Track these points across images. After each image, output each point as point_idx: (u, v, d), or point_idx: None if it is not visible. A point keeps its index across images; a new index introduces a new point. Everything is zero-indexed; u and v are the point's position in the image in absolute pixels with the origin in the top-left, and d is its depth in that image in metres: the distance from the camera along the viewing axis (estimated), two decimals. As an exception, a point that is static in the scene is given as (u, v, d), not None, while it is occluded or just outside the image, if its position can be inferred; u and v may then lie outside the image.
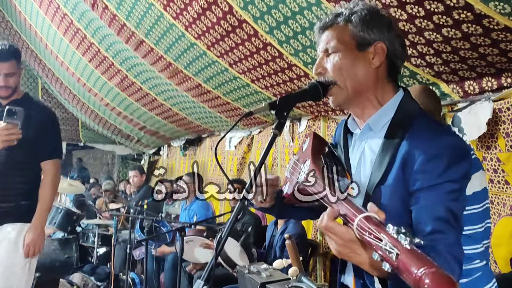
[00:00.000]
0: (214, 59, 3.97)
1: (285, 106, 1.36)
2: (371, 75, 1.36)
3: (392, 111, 1.36)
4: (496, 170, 2.73)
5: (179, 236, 3.49)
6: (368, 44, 1.35)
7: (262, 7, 2.94)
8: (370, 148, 1.38)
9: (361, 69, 1.35)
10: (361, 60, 1.35)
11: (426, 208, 1.19)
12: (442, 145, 1.22)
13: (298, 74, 3.55)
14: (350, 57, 1.35)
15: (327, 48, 1.38)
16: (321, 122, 4.40)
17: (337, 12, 1.40)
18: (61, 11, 5.18)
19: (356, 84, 1.35)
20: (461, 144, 1.29)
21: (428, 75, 2.80)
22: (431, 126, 1.31)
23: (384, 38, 1.35)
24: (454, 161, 1.21)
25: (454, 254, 1.15)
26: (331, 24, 1.39)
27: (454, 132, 1.32)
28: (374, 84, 1.37)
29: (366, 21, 1.35)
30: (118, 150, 11.97)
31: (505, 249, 2.74)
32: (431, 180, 1.20)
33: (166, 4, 3.53)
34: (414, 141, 1.26)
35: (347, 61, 1.35)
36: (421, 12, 2.20)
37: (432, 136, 1.25)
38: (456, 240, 1.18)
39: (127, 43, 4.71)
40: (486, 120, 2.69)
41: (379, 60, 1.35)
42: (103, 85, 6.69)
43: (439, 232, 1.16)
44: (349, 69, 1.35)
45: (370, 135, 1.40)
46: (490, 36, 2.19)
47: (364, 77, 1.35)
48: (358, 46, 1.35)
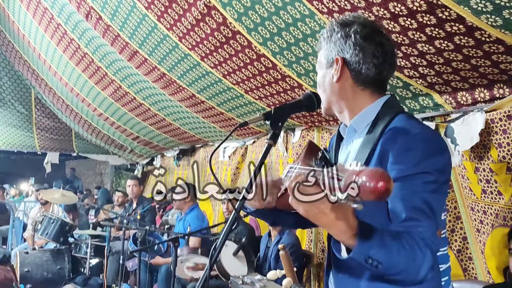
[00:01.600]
0: (208, 70, 3.98)
1: (280, 117, 1.38)
2: (335, 88, 1.44)
3: (375, 112, 1.41)
4: (488, 180, 2.74)
5: (173, 247, 3.48)
6: (332, 61, 1.43)
7: (255, 18, 2.95)
8: (353, 148, 1.44)
9: (327, 84, 1.46)
10: (327, 76, 1.46)
11: (402, 198, 1.23)
12: (418, 138, 1.27)
13: (292, 85, 3.56)
14: (321, 74, 1.49)
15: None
16: (315, 132, 4.41)
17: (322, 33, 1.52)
18: (55, 21, 5.17)
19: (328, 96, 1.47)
20: (437, 138, 1.36)
21: (421, 86, 2.82)
22: (410, 122, 1.36)
23: (343, 52, 1.41)
24: (429, 154, 1.25)
25: (427, 241, 1.18)
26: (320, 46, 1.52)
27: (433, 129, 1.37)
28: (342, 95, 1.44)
29: (328, 39, 1.45)
30: (112, 160, 11.92)
31: (498, 259, 2.74)
32: (406, 171, 1.24)
33: (160, 15, 3.54)
34: (392, 134, 1.31)
35: (320, 78, 1.49)
36: (414, 25, 2.22)
37: (409, 130, 1.31)
38: (430, 228, 1.21)
39: (120, 54, 4.72)
40: (478, 131, 2.70)
41: (337, 74, 1.42)
42: (96, 95, 6.68)
43: (413, 219, 1.20)
44: (321, 85, 1.49)
45: (356, 136, 1.45)
46: (482, 48, 2.21)
47: (330, 90, 1.46)
48: (327, 64, 1.45)
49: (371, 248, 1.13)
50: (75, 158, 12.33)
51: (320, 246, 4.36)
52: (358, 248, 1.13)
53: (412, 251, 1.16)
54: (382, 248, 1.14)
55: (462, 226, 3.03)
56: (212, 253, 1.28)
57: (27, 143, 10.40)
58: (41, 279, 5.65)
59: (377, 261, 1.13)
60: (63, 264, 5.83)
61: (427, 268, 1.19)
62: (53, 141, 10.64)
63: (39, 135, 10.32)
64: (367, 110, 1.42)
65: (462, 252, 3.03)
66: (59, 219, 6.08)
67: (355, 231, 1.13)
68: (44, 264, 5.74)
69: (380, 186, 0.93)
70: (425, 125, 1.39)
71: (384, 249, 1.14)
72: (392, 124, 1.35)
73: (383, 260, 1.14)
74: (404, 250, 1.16)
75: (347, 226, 1.12)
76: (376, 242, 1.14)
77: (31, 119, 9.87)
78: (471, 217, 2.95)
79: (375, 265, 1.14)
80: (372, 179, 0.93)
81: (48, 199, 7.04)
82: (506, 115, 2.58)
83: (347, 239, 1.15)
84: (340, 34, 1.41)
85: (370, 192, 0.93)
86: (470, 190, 2.91)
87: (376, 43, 1.40)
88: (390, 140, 1.30)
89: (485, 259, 2.84)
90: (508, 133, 2.59)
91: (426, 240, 1.18)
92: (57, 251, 5.94)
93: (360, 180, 0.94)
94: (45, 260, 5.78)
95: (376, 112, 1.41)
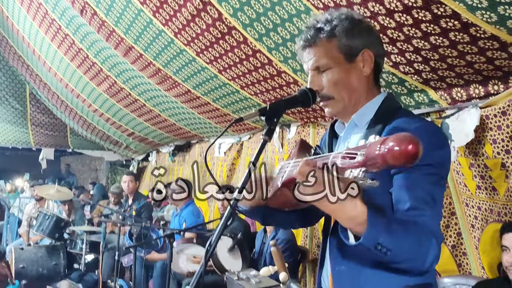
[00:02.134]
0: (204, 66, 3.97)
1: (275, 113, 1.37)
2: (364, 82, 1.41)
3: (375, 108, 1.41)
4: (483, 176, 2.75)
5: (168, 243, 3.48)
6: (356, 54, 1.39)
7: (251, 14, 2.95)
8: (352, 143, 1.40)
9: (355, 80, 1.40)
10: (353, 71, 1.40)
11: (406, 188, 1.23)
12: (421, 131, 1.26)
13: (287, 80, 3.56)
14: (343, 71, 1.40)
15: (318, 66, 1.41)
16: (311, 129, 4.41)
17: (315, 26, 1.42)
18: (49, 17, 5.15)
19: (351, 93, 1.41)
20: (439, 132, 1.36)
21: (417, 82, 2.83)
22: (413, 116, 1.38)
23: (369, 44, 1.39)
24: (432, 147, 1.25)
25: (431, 229, 1.19)
26: (314, 41, 1.42)
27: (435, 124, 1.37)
28: (365, 88, 1.43)
29: (349, 31, 1.38)
30: (107, 156, 11.89)
31: (493, 255, 2.76)
32: None
33: (155, 10, 3.53)
34: (393, 129, 1.31)
35: (341, 76, 1.40)
36: (409, 20, 2.22)
37: (410, 123, 1.31)
38: (434, 218, 1.23)
39: (115, 49, 4.70)
40: (473, 127, 2.71)
41: (369, 67, 1.40)
42: (91, 91, 6.66)
43: (418, 209, 1.21)
44: (344, 82, 1.40)
45: (355, 131, 1.44)
46: (477, 44, 2.22)
47: (358, 86, 1.41)
48: (347, 58, 1.39)
49: (380, 235, 1.13)
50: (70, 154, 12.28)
51: (315, 241, 4.36)
52: (368, 235, 1.12)
53: (419, 239, 1.17)
54: (391, 235, 1.14)
55: (457, 222, 3.04)
56: (207, 248, 1.27)
57: (21, 139, 10.36)
58: (36, 275, 5.63)
59: (386, 248, 1.13)
60: (59, 260, 5.81)
61: (433, 256, 1.19)
62: (48, 137, 10.60)
63: (34, 131, 10.28)
64: (370, 105, 1.42)
65: (457, 247, 3.05)
66: (54, 215, 6.07)
67: (364, 217, 1.12)
68: (39, 260, 5.73)
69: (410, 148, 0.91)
70: (425, 120, 1.40)
71: (393, 236, 1.14)
72: (394, 119, 1.35)
73: (392, 247, 1.14)
74: (411, 238, 1.16)
75: (356, 212, 1.11)
76: (385, 228, 1.13)
77: (26, 115, 9.84)
78: (466, 213, 2.97)
79: (384, 251, 1.13)
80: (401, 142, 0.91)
81: (43, 195, 7.03)
82: (501, 111, 2.59)
83: (355, 226, 1.15)
84: (361, 27, 1.40)
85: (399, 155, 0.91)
86: (464, 185, 2.92)
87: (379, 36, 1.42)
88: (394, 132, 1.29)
89: (480, 255, 2.85)
90: (503, 129, 2.60)
91: (431, 229, 1.19)
92: (52, 247, 5.92)
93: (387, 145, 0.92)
94: (40, 256, 5.77)
95: (376, 107, 1.41)
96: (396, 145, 0.91)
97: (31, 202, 7.71)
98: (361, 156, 0.95)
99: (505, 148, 2.60)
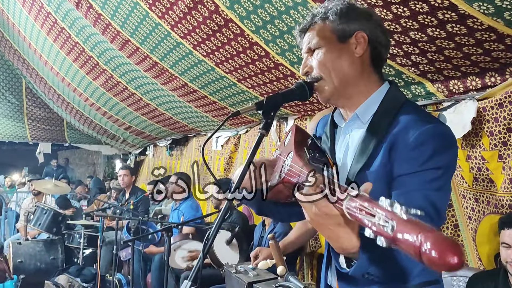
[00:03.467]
0: (200, 59, 3.95)
1: (272, 106, 1.36)
2: (356, 64, 1.38)
3: (379, 100, 1.38)
4: (480, 168, 2.76)
5: (166, 237, 3.48)
6: (349, 35, 1.37)
7: (248, 6, 2.94)
8: (354, 139, 1.39)
9: (345, 60, 1.37)
10: (344, 51, 1.37)
11: (406, 195, 1.20)
12: (429, 133, 1.23)
13: (285, 73, 3.55)
14: (333, 50, 1.37)
15: (310, 46, 1.41)
16: (308, 122, 4.41)
17: (313, 13, 1.42)
18: (45, 10, 5.12)
19: (341, 75, 1.37)
20: (448, 133, 1.30)
21: (414, 74, 2.83)
22: (419, 114, 1.32)
23: (364, 27, 1.37)
24: (440, 150, 1.22)
25: None
26: (309, 25, 1.42)
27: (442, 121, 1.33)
28: (360, 73, 1.38)
29: (343, 13, 1.38)
30: (104, 150, 11.89)
31: (490, 247, 2.77)
32: (414, 167, 1.21)
33: (151, 3, 3.51)
34: (401, 127, 1.27)
35: (330, 54, 1.37)
36: (406, 12, 2.21)
37: (420, 123, 1.26)
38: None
39: (112, 43, 4.68)
40: (470, 119, 2.71)
41: (362, 48, 1.37)
42: (88, 85, 6.64)
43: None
44: (333, 61, 1.37)
45: (357, 125, 1.40)
46: (474, 36, 2.21)
47: (349, 67, 1.37)
48: (339, 38, 1.37)
49: (370, 267, 1.12)
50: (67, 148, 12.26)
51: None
52: (357, 267, 1.13)
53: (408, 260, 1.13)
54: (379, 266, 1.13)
55: (454, 214, 3.05)
56: (205, 242, 1.27)
57: (18, 134, 10.34)
58: (34, 269, 5.65)
59: (374, 276, 1.14)
60: (56, 254, 5.82)
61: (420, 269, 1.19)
62: (45, 131, 10.58)
63: (31, 126, 10.26)
64: (373, 97, 1.38)
65: (454, 239, 3.06)
66: (51, 209, 6.07)
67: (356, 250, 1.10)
68: (37, 254, 5.74)
69: (453, 261, 0.74)
70: (435, 118, 1.35)
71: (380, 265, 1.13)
72: (400, 115, 1.31)
73: (380, 274, 1.15)
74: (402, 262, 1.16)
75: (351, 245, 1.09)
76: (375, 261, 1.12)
77: (22, 109, 9.81)
78: (463, 205, 2.97)
79: (371, 278, 1.15)
80: (444, 253, 0.75)
81: (40, 189, 7.03)
82: (498, 103, 2.59)
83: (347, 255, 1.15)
84: (356, 11, 1.39)
85: (438, 264, 0.75)
86: (461, 178, 2.92)
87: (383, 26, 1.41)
88: (401, 132, 1.26)
89: (476, 246, 2.86)
90: (500, 121, 2.60)
91: None
92: (50, 242, 5.93)
93: (426, 246, 0.75)
94: (38, 250, 5.78)
95: (379, 100, 1.37)
96: (438, 253, 0.75)
97: (29, 197, 7.72)
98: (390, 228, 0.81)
99: (502, 140, 2.60)
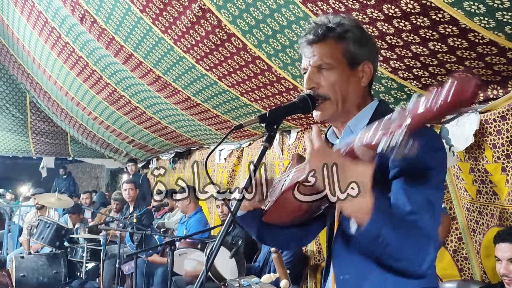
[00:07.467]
0: (203, 73, 3.98)
1: (275, 119, 1.37)
2: (359, 93, 1.42)
3: (369, 115, 1.41)
4: (483, 181, 2.75)
5: (169, 250, 3.46)
6: (358, 63, 1.40)
7: (250, 21, 2.96)
8: None
9: (352, 87, 1.40)
10: (353, 78, 1.40)
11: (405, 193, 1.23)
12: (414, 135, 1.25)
13: (287, 87, 3.57)
14: (343, 74, 1.39)
15: (321, 64, 1.40)
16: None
17: (326, 25, 1.41)
18: (49, 25, 5.16)
19: (346, 99, 1.40)
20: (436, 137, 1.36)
21: (416, 87, 2.83)
22: None
23: (370, 58, 1.41)
24: (429, 151, 1.25)
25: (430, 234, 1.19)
26: (323, 38, 1.41)
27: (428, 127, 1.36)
28: (360, 98, 1.43)
29: (359, 40, 1.40)
30: (107, 164, 11.89)
31: (494, 259, 2.75)
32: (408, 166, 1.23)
33: (155, 18, 3.54)
34: None
35: (341, 78, 1.39)
36: (408, 26, 2.23)
37: None
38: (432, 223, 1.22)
39: (115, 57, 4.71)
40: (473, 132, 2.72)
41: (367, 79, 1.42)
42: (91, 99, 6.67)
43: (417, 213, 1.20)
44: (342, 86, 1.39)
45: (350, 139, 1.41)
46: (475, 50, 2.22)
47: (354, 93, 1.41)
48: (349, 64, 1.39)
49: (383, 227, 1.12)
50: (70, 162, 12.25)
51: (316, 247, 4.35)
52: (372, 223, 1.12)
53: (419, 241, 1.17)
54: (393, 230, 1.13)
55: (458, 227, 3.03)
56: (208, 256, 1.27)
57: (22, 148, 10.37)
58: (37, 283, 5.62)
59: (387, 241, 1.13)
60: (59, 268, 5.79)
61: (429, 261, 1.19)
62: (49, 145, 10.61)
63: (35, 139, 10.28)
64: (365, 111, 1.42)
65: (458, 252, 3.04)
66: (54, 223, 6.06)
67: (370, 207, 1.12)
68: (39, 268, 5.71)
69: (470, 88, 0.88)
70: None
71: (395, 231, 1.14)
72: None
73: (392, 242, 1.14)
74: (411, 238, 1.16)
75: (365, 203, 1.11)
76: (388, 222, 1.13)
77: (26, 123, 9.85)
78: (467, 218, 2.96)
79: (384, 244, 1.13)
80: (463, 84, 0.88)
81: (44, 203, 7.02)
82: (500, 116, 2.60)
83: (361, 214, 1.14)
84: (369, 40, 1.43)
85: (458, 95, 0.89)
86: (465, 190, 2.92)
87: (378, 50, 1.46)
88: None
89: (481, 259, 2.84)
90: (502, 133, 2.60)
91: (430, 234, 1.19)
92: (53, 256, 5.91)
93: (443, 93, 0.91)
94: (40, 264, 5.76)
95: (371, 112, 1.41)
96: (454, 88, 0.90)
97: (32, 211, 7.71)
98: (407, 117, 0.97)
99: (505, 153, 2.60)
